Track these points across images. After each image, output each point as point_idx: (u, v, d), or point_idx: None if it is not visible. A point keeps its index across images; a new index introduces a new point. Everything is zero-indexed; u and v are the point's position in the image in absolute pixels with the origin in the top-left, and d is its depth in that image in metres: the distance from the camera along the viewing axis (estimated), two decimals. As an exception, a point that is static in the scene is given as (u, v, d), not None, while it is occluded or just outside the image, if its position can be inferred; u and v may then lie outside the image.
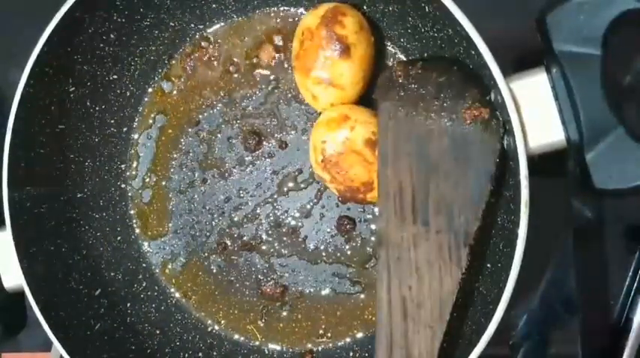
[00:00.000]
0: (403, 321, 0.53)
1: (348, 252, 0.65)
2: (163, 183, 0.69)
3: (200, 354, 0.67)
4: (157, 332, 0.67)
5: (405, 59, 0.64)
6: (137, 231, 0.69)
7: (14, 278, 0.58)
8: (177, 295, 0.68)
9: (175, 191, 0.69)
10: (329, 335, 0.65)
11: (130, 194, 0.69)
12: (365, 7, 0.62)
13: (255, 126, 0.67)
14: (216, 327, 0.68)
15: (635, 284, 0.64)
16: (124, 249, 0.69)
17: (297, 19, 0.65)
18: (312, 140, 0.61)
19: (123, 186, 0.69)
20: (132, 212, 0.69)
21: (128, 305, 0.67)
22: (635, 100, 0.46)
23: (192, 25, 0.67)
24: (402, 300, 0.53)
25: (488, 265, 0.55)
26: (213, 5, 0.66)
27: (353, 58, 0.58)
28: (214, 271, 0.68)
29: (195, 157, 0.68)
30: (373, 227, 0.64)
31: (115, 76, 0.67)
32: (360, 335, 0.65)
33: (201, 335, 0.68)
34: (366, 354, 0.64)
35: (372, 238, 0.65)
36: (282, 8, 0.66)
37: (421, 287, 0.52)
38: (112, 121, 0.68)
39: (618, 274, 0.65)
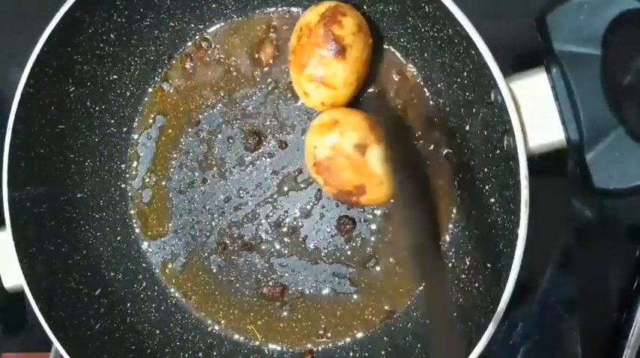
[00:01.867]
0: None
1: (348, 252, 0.65)
2: (163, 183, 0.69)
3: (200, 354, 0.67)
4: (157, 332, 0.67)
5: (402, 59, 0.63)
6: (137, 231, 0.69)
7: (14, 278, 0.58)
8: (177, 295, 0.68)
9: (175, 191, 0.69)
10: (329, 335, 0.65)
11: (130, 194, 0.69)
12: (365, 7, 0.62)
13: (255, 126, 0.67)
14: (216, 327, 0.68)
15: (635, 284, 0.64)
16: (124, 249, 0.69)
17: (297, 19, 0.65)
18: (306, 144, 0.61)
19: (123, 186, 0.69)
20: (132, 212, 0.69)
21: (128, 305, 0.67)
22: (635, 100, 0.46)
23: (192, 25, 0.67)
24: None
25: (488, 265, 0.55)
26: (213, 5, 0.66)
27: (347, 59, 0.58)
28: (214, 271, 0.68)
29: (195, 157, 0.68)
30: (373, 227, 0.64)
31: (115, 76, 0.67)
32: (360, 335, 0.65)
33: (201, 335, 0.68)
34: (366, 354, 0.64)
35: (372, 238, 0.64)
36: (282, 8, 0.66)
37: None
38: (112, 121, 0.68)
39: (618, 274, 0.65)
